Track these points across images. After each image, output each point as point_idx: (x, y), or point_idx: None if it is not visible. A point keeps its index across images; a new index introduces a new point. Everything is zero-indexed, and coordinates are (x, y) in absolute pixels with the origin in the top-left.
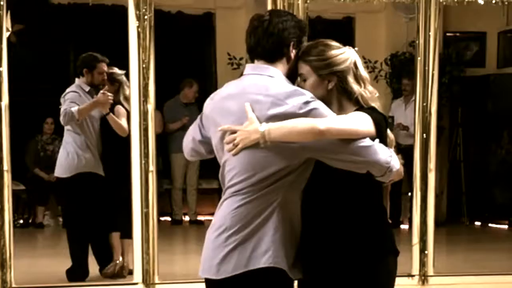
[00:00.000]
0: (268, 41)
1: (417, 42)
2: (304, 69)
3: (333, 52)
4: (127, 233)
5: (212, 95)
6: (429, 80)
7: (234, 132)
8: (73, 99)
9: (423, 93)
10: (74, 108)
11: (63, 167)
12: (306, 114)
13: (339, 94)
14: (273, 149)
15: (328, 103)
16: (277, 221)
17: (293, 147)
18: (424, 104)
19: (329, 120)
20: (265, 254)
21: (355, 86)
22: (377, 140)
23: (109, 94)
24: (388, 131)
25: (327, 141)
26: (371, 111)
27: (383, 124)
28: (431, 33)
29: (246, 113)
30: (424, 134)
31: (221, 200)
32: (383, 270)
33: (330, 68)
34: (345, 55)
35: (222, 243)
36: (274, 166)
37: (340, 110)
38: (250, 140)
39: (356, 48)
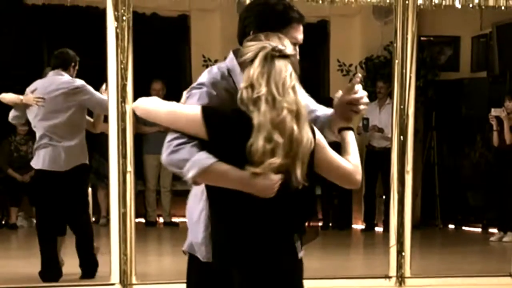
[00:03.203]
0: (237, 27)
1: (394, 45)
2: None
3: (246, 43)
4: (60, 230)
5: None
6: (406, 83)
7: None
8: None
9: (400, 96)
10: None
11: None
12: (186, 100)
13: None
14: None
15: None
16: (206, 219)
17: None
18: (402, 106)
19: (149, 100)
20: (200, 248)
21: (240, 83)
22: (185, 143)
23: None
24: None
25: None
26: (215, 110)
27: (223, 124)
28: (409, 36)
29: None
30: (401, 137)
31: None
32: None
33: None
34: (250, 48)
35: None
36: None
37: None
38: None
39: (280, 46)
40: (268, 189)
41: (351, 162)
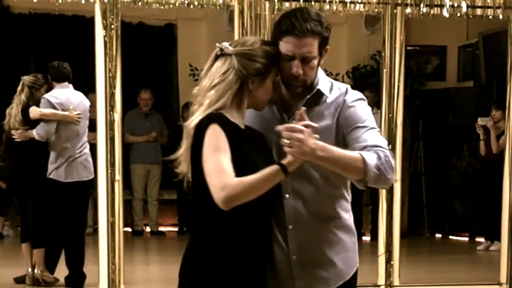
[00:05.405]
0: None
1: (382, 54)
2: None
3: None
4: (38, 243)
5: None
6: (394, 92)
7: None
8: None
9: (388, 105)
10: None
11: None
12: None
13: None
14: None
15: None
16: None
17: None
18: (390, 115)
19: None
20: None
21: None
22: None
23: None
24: None
25: None
26: None
27: None
28: (397, 45)
29: None
30: (390, 146)
31: None
32: None
33: None
34: None
35: None
36: None
37: None
38: None
39: (223, 44)
40: None
41: (231, 179)
